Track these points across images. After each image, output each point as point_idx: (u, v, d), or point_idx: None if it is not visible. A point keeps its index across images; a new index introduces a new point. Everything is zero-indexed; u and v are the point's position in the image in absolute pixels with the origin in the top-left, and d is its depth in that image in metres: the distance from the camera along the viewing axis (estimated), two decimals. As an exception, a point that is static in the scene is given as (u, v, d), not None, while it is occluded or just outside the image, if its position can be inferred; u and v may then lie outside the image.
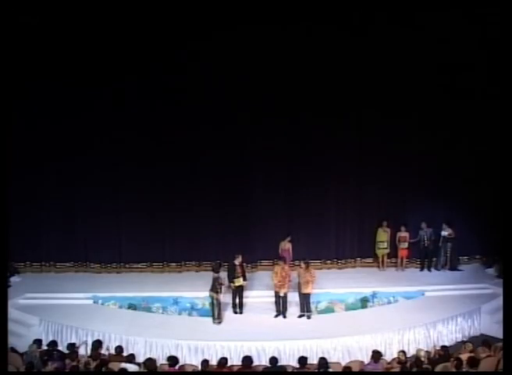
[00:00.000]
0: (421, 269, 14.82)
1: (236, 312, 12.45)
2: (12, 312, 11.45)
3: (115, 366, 9.22)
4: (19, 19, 12.14)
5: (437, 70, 14.03)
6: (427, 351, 10.22)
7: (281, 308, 12.26)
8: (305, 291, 12.09)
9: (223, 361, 9.46)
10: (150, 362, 9.29)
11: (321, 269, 14.41)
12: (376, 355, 9.64)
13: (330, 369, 9.30)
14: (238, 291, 12.45)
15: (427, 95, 14.18)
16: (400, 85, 14.18)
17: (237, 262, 12.41)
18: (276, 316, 12.29)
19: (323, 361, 9.32)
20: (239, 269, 12.39)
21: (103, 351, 10.36)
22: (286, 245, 14.06)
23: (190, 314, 12.68)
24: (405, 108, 14.25)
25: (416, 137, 14.45)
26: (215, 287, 11.72)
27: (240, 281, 12.34)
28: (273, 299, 12.36)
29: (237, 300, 12.47)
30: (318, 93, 14.14)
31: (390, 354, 10.90)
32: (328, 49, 13.75)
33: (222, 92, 13.96)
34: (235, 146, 14.33)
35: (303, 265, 12.17)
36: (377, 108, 14.27)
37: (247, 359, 9.43)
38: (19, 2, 11.55)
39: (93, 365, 9.17)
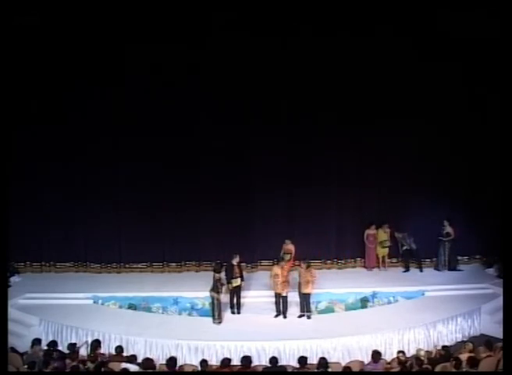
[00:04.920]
0: (406, 270, 14.72)
1: (233, 313, 12.44)
2: (12, 312, 11.46)
3: (115, 366, 9.21)
4: (20, 20, 12.16)
5: (438, 72, 14.00)
6: (427, 351, 10.22)
7: (281, 308, 12.25)
8: (305, 290, 12.11)
9: (226, 361, 9.42)
10: (147, 362, 9.28)
11: (321, 269, 14.38)
12: (376, 356, 9.62)
13: (330, 369, 9.28)
14: (236, 291, 12.43)
15: (427, 97, 14.15)
16: (399, 87, 14.17)
17: (235, 261, 12.40)
18: (276, 316, 12.29)
19: (323, 361, 9.31)
20: (236, 269, 12.38)
21: (102, 351, 10.32)
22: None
23: (190, 314, 12.69)
24: (405, 109, 14.22)
25: (416, 138, 14.41)
26: (217, 288, 11.71)
27: (237, 282, 12.33)
28: (273, 299, 12.36)
29: (235, 300, 12.47)
30: (319, 94, 14.14)
31: (390, 354, 10.88)
32: (328, 50, 13.73)
33: (223, 93, 13.96)
34: (235, 146, 14.32)
35: (303, 265, 12.21)
36: (377, 109, 14.24)
37: (246, 359, 9.40)
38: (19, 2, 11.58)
39: (92, 365, 9.16)
